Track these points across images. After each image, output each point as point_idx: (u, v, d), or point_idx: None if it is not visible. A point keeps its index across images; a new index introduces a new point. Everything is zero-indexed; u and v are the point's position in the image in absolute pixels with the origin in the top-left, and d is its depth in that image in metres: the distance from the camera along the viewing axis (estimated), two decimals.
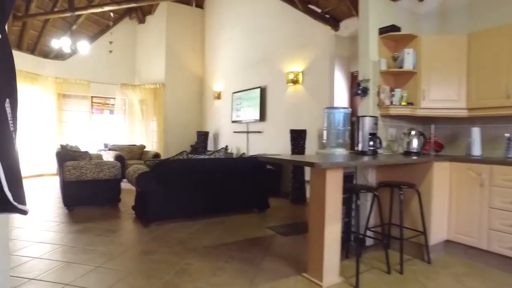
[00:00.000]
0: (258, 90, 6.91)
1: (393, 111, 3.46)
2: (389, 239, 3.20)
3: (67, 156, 4.89)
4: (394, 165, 3.30)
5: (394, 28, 3.52)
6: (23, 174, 1.08)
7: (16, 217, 4.25)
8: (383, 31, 3.54)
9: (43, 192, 6.27)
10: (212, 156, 4.28)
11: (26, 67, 7.98)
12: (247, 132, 7.38)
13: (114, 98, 9.23)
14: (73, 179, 4.59)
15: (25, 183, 5.95)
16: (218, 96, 8.69)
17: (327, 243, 2.49)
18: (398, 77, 3.67)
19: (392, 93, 3.55)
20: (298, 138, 5.44)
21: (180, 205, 4.08)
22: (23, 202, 0.95)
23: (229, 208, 4.50)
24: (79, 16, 8.28)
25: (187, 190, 4.08)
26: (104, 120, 9.44)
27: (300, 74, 5.93)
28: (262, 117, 6.85)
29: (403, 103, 3.49)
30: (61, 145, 5.57)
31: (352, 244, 3.17)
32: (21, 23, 7.63)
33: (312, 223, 2.59)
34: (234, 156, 6.55)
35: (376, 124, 3.26)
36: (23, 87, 8.01)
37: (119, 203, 5.02)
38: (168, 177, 3.92)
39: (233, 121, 7.87)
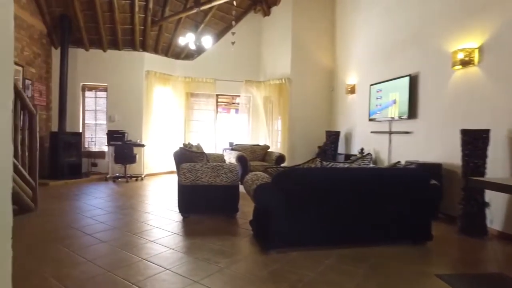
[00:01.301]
0: (407, 79, 5.38)
1: None
2: None
3: (183, 157, 4.46)
4: None
5: None
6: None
7: (134, 220, 3.99)
8: None
9: (169, 191, 6.18)
10: (355, 165, 3.15)
11: (161, 69, 8.27)
12: (390, 133, 5.91)
13: (239, 95, 8.91)
14: (188, 183, 4.10)
15: (159, 180, 5.50)
16: (352, 90, 7.40)
17: None
18: None
19: None
20: (474, 141, 3.79)
21: (309, 229, 3.07)
22: None
23: (373, 236, 3.28)
24: (206, 14, 8.19)
25: (319, 209, 3.04)
26: (230, 118, 9.25)
27: (476, 51, 4.21)
28: (412, 113, 5.29)
29: None
30: (183, 144, 5.30)
31: None
32: (157, 28, 7.91)
33: None
34: (372, 162, 5.20)
35: None
36: (158, 89, 8.33)
37: (236, 213, 4.34)
38: (295, 191, 2.96)
39: (370, 119, 6.49)
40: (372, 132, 6.48)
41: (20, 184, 4.22)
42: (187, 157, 4.45)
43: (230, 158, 7.06)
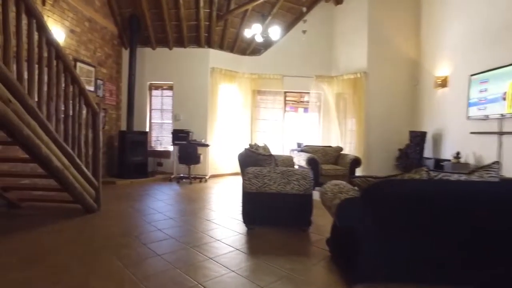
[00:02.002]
0: None
1: None
2: None
3: (249, 160, 3.94)
4: None
5: None
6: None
7: (194, 229, 3.57)
8: None
9: (233, 195, 5.75)
10: (476, 177, 2.31)
11: (226, 65, 7.94)
12: (500, 133, 4.76)
13: (308, 92, 8.21)
14: (253, 191, 3.55)
15: (223, 182, 4.67)
16: (443, 83, 6.27)
17: None
18: None
19: None
20: None
21: (410, 261, 2.31)
22: None
23: (500, 278, 2.39)
24: (273, 5, 7.64)
25: (426, 236, 2.27)
26: (298, 118, 8.60)
27: None
28: None
29: None
30: (249, 145, 4.81)
31: None
32: (223, 23, 7.58)
33: None
34: (471, 169, 4.17)
35: None
36: (223, 86, 8.00)
37: (309, 227, 3.69)
38: (393, 210, 2.23)
39: (469, 117, 5.36)
40: (472, 132, 5.33)
41: (83, 184, 4.07)
42: (253, 159, 3.92)
43: (300, 160, 6.43)
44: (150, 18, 7.25)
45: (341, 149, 6.93)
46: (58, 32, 5.32)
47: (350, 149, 7.56)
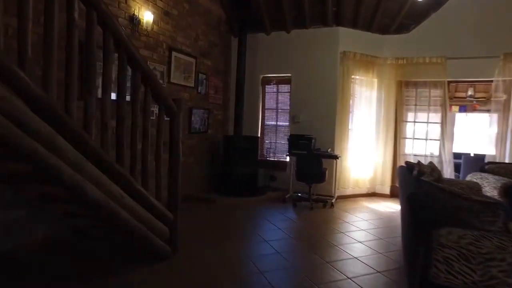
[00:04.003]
0: None
1: None
2: None
3: (419, 198, 1.88)
4: None
5: None
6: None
7: None
8: None
9: (383, 237, 3.70)
10: None
11: (362, 49, 5.85)
12: None
13: (491, 80, 5.44)
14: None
15: (356, 206, 4.65)
16: None
17: None
18: None
19: None
20: None
21: None
22: None
23: None
24: None
25: None
26: (466, 118, 5.91)
27: None
28: None
29: None
30: (409, 164, 2.73)
31: None
32: None
33: None
34: None
35: None
36: (358, 77, 5.95)
37: None
38: None
39: None
40: None
41: (149, 221, 2.67)
42: (440, 202, 1.84)
43: (483, 184, 3.95)
44: None
45: None
46: (148, 14, 4.21)
47: None
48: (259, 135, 6.33)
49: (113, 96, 2.37)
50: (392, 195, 5.97)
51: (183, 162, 5.21)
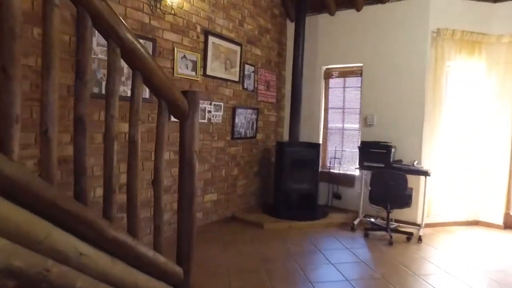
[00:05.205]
0: None
1: None
2: None
3: None
4: None
5: None
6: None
7: None
8: None
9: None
10: None
11: (463, 24, 4.30)
12: None
13: None
14: None
15: (455, 239, 3.68)
16: None
17: None
18: None
19: None
20: None
21: None
22: None
23: None
24: None
25: None
26: None
27: None
28: None
29: None
30: None
31: None
32: None
33: None
34: None
35: None
36: (457, 64, 4.43)
37: None
38: None
39: None
40: None
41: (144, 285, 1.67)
42: None
43: None
44: None
45: None
46: None
47: None
48: (320, 141, 5.10)
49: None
50: (508, 225, 4.32)
51: (224, 175, 4.27)
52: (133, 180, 1.71)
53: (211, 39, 3.80)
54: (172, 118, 1.95)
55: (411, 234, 3.82)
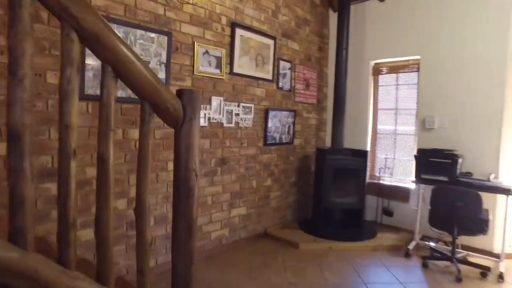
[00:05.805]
0: None
1: None
2: None
3: None
4: None
5: None
6: None
7: None
8: None
9: None
10: None
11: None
12: None
13: None
14: None
15: None
16: None
17: None
18: None
19: None
20: None
21: None
22: None
23: None
24: None
25: None
26: None
27: None
28: None
29: None
30: None
31: None
32: None
33: None
34: None
35: None
36: None
37: None
38: None
39: None
40: None
41: None
42: None
43: None
44: None
45: None
46: None
47: None
48: (368, 148, 4.41)
49: None
50: None
51: (255, 186, 3.76)
52: (102, 212, 1.27)
53: (239, 31, 3.31)
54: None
55: (487, 268, 3.02)
